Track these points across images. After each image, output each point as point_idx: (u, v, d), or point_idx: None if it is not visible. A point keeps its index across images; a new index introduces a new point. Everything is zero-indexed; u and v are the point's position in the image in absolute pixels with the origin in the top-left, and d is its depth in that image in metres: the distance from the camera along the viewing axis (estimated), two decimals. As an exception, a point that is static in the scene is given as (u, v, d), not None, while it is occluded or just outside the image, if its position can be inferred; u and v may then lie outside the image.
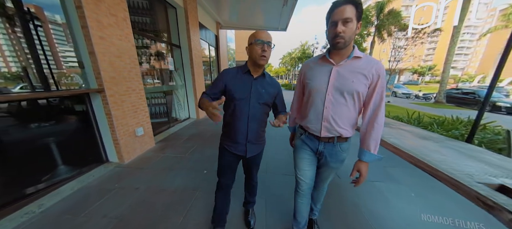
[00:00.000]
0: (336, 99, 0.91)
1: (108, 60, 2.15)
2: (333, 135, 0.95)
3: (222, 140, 1.18)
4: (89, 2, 1.91)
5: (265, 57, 0.96)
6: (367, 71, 0.85)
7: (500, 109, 8.97)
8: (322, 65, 0.95)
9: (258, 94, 1.04)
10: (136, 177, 2.11)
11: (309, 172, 1.09)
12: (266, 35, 0.95)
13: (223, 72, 1.06)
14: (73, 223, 1.45)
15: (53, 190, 1.83)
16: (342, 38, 0.81)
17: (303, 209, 1.18)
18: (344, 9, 0.77)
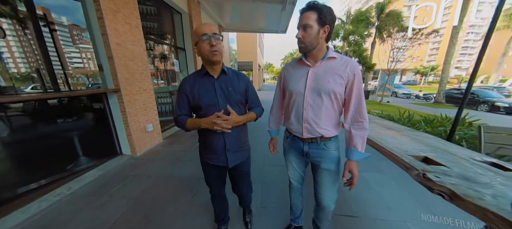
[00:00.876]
0: (314, 100, 0.92)
1: (123, 63, 2.42)
2: (314, 136, 0.95)
3: (201, 153, 1.08)
4: (108, 13, 2.19)
5: (216, 51, 0.86)
6: (342, 71, 0.86)
7: (499, 109, 9.05)
8: (300, 67, 0.97)
9: (226, 95, 0.95)
10: (148, 167, 2.38)
11: (297, 172, 1.14)
12: (209, 28, 0.85)
13: (181, 84, 0.95)
14: (99, 202, 1.72)
15: (77, 177, 2.11)
16: (302, 43, 0.85)
17: (297, 201, 1.27)
18: (304, 16, 0.82)
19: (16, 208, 1.58)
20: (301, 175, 1.16)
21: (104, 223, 1.47)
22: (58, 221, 1.49)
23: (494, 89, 14.98)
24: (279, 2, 4.53)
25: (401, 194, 1.84)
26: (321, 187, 1.03)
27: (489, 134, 2.03)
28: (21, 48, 1.83)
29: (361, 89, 0.88)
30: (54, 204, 1.68)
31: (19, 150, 1.86)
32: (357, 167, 0.92)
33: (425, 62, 62.79)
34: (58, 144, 2.19)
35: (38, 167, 1.95)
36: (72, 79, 2.31)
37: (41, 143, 2.03)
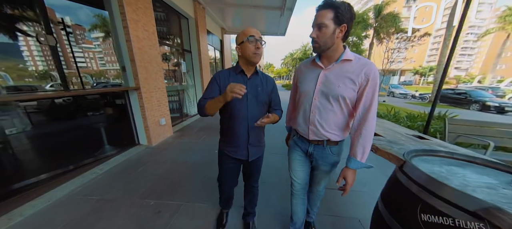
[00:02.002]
0: (322, 104, 0.89)
1: (143, 65, 2.81)
2: (321, 138, 0.94)
3: (221, 146, 1.14)
4: (131, 22, 2.58)
5: (258, 54, 0.93)
6: (355, 75, 0.82)
7: (489, 109, 9.41)
8: (312, 69, 0.94)
9: (255, 94, 1.01)
10: (164, 155, 2.77)
11: (301, 173, 1.08)
12: (257, 32, 0.92)
13: (216, 75, 1.01)
14: (128, 178, 2.11)
15: (105, 161, 2.50)
16: (316, 42, 0.81)
17: (299, 210, 1.18)
18: (319, 14, 0.78)
19: (66, 181, 1.98)
20: (303, 177, 1.10)
21: (137, 191, 1.86)
22: (101, 189, 1.89)
23: (489, 89, 15.38)
24: (278, 8, 4.93)
25: (375, 174, 2.22)
26: (315, 181, 1.10)
27: (452, 125, 2.41)
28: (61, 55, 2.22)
29: (374, 95, 0.81)
30: (93, 179, 2.08)
31: (63, 137, 2.26)
32: (353, 176, 0.88)
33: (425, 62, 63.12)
34: (89, 134, 2.60)
35: (76, 152, 2.35)
36: (76, 79, 2.40)
37: (78, 132, 2.44)
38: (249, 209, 1.39)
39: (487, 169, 0.82)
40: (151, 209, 1.62)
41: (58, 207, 1.66)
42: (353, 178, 0.89)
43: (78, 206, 1.67)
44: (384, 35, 14.22)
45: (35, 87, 2.07)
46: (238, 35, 0.94)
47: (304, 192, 1.15)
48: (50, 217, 1.55)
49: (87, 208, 1.64)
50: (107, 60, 2.83)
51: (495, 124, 2.32)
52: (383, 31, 14.38)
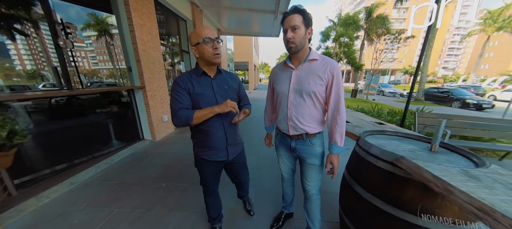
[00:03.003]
0: (296, 100, 0.99)
1: (147, 66, 3.05)
2: (299, 132, 1.03)
3: (197, 152, 1.08)
4: (137, 26, 2.82)
5: (218, 54, 0.92)
6: (321, 72, 0.93)
7: (469, 106, 10.10)
8: (285, 70, 1.04)
9: (223, 93, 1.01)
10: (168, 148, 3.02)
11: (288, 166, 1.24)
12: (212, 32, 0.89)
13: (179, 81, 0.94)
14: (139, 167, 2.37)
15: (115, 153, 2.73)
16: (293, 43, 0.89)
17: (288, 191, 1.39)
18: (291, 18, 0.86)
19: (82, 170, 2.21)
20: (291, 168, 1.26)
21: (148, 176, 2.13)
22: (117, 176, 2.14)
23: (471, 88, 16.34)
24: (271, 12, 5.24)
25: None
26: (306, 178, 1.14)
27: (420, 118, 2.81)
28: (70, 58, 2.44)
29: (339, 88, 0.94)
30: (106, 168, 2.32)
31: (75, 132, 2.49)
32: (338, 159, 1.02)
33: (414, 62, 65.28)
34: (98, 129, 2.83)
35: (88, 145, 2.58)
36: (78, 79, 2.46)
37: (88, 128, 2.66)
38: (242, 194, 1.52)
39: (415, 141, 1.16)
40: (163, 190, 1.90)
41: (80, 190, 1.91)
42: (338, 161, 1.02)
43: (98, 189, 1.92)
44: (374, 36, 14.87)
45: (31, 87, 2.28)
46: (191, 36, 0.90)
47: (291, 178, 1.34)
48: (75, 198, 1.79)
49: (106, 190, 1.90)
50: (99, 59, 2.95)
51: (454, 116, 2.74)
52: (373, 33, 15.02)
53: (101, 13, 2.74)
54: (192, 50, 0.92)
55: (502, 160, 2.96)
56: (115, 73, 3.12)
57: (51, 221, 1.50)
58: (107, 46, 2.93)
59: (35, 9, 2.04)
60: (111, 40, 2.94)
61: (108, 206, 1.68)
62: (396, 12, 46.42)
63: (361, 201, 1.02)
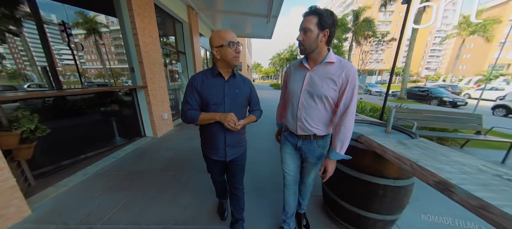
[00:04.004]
0: (307, 102, 0.99)
1: (149, 67, 3.25)
2: (307, 133, 1.03)
3: (202, 147, 1.17)
4: (140, 29, 3.01)
5: (238, 57, 0.96)
6: (336, 77, 0.91)
7: (445, 103, 10.99)
8: (300, 70, 1.03)
9: (232, 96, 1.03)
10: (170, 143, 3.24)
11: (291, 165, 1.18)
12: (234, 36, 0.94)
13: (193, 80, 1.01)
14: (145, 159, 2.58)
15: (120, 149, 2.91)
16: (302, 45, 0.90)
17: (291, 200, 1.28)
18: (305, 19, 0.86)
19: (92, 163, 2.40)
20: (294, 168, 1.20)
21: (156, 166, 2.35)
22: (126, 167, 2.34)
23: (449, 87, 17.62)
24: (264, 16, 5.55)
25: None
26: (305, 173, 1.20)
27: (396, 113, 3.23)
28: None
29: (353, 94, 0.91)
30: (114, 161, 2.52)
31: (83, 129, 2.66)
32: (333, 165, 0.99)
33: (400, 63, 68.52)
34: (102, 126, 2.99)
35: (94, 141, 2.76)
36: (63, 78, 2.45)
37: (93, 125, 2.83)
38: (236, 215, 1.32)
39: (377, 126, 1.51)
40: (171, 177, 2.14)
41: (94, 179, 2.10)
42: (332, 167, 0.99)
43: (111, 178, 2.13)
44: (361, 38, 15.66)
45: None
46: (214, 38, 0.94)
47: (295, 184, 1.25)
48: (91, 185, 1.99)
49: (119, 179, 2.11)
50: (87, 59, 2.95)
51: (421, 111, 3.19)
52: (360, 35, 15.82)
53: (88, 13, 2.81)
54: (214, 51, 0.96)
55: (462, 148, 3.45)
56: (103, 73, 3.21)
57: (74, 204, 1.71)
58: (97, 46, 3.02)
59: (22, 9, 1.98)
60: (101, 39, 3.02)
61: (123, 191, 1.90)
62: (382, 15, 48.50)
63: (335, 171, 1.34)
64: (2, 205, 1.40)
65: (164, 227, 1.46)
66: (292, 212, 1.32)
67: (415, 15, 11.48)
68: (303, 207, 1.41)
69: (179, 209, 1.64)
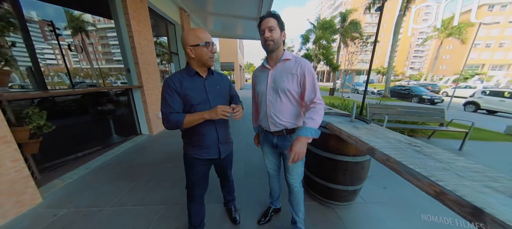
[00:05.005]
0: (273, 98, 1.06)
1: (144, 67, 3.42)
2: (279, 128, 1.10)
3: (188, 151, 1.10)
4: (136, 32, 3.18)
5: (214, 58, 0.97)
6: (294, 70, 1.00)
7: (424, 101, 11.85)
8: (263, 71, 1.12)
9: (215, 93, 1.05)
10: (166, 140, 3.43)
11: (272, 162, 1.31)
12: (208, 36, 0.94)
13: (169, 82, 0.95)
14: (144, 154, 2.77)
15: (118, 145, 3.07)
16: (271, 40, 0.97)
17: (275, 187, 1.46)
18: (268, 20, 0.96)
19: (92, 159, 2.55)
20: (275, 164, 1.32)
21: (155, 160, 2.55)
22: (126, 161, 2.52)
23: (429, 85, 18.85)
24: (254, 19, 5.82)
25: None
26: (288, 171, 1.18)
27: (370, 108, 3.63)
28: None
29: (312, 82, 1.00)
30: (114, 156, 2.68)
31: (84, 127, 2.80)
32: (301, 144, 0.92)
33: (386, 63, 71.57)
34: (101, 124, 3.13)
35: (92, 138, 2.90)
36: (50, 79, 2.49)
37: (91, 123, 2.97)
38: (228, 198, 1.51)
39: (345, 117, 1.82)
40: (171, 168, 2.36)
41: (98, 172, 2.27)
42: (299, 146, 0.91)
43: (113, 171, 2.31)
44: (348, 39, 16.36)
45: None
46: (189, 36, 0.91)
47: (276, 175, 1.39)
48: (95, 177, 2.17)
49: (121, 171, 2.30)
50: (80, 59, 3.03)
51: (393, 106, 3.61)
52: (348, 36, 16.52)
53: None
54: (188, 49, 0.92)
55: (429, 139, 3.92)
56: (91, 73, 3.31)
57: (82, 192, 1.89)
58: (85, 48, 3.07)
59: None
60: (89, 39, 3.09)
61: (126, 180, 2.09)
62: (369, 17, 50.46)
63: (308, 152, 1.64)
64: (19, 192, 1.57)
65: (166, 206, 1.69)
66: (277, 195, 1.52)
67: (396, 19, 12.30)
68: (299, 225, 1.30)
69: (179, 192, 1.87)
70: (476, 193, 0.59)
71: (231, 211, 1.54)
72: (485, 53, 40.93)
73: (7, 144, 1.50)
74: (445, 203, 0.60)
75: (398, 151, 0.92)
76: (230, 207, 1.55)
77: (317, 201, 1.72)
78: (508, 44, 39.55)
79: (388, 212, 1.66)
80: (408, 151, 0.92)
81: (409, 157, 0.86)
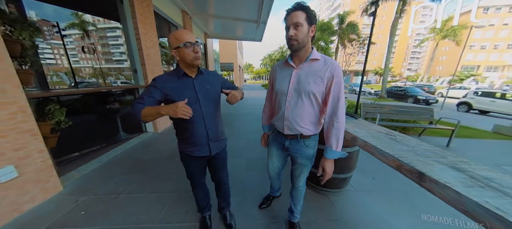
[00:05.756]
0: (295, 100, 0.98)
1: (150, 68, 3.60)
2: (294, 133, 1.03)
3: (181, 148, 1.13)
4: (142, 35, 3.36)
5: (198, 57, 0.95)
6: (322, 73, 0.92)
7: (419, 101, 12.14)
8: (286, 68, 1.03)
9: (205, 92, 1.04)
10: (171, 136, 3.60)
11: (276, 164, 1.25)
12: (191, 36, 0.92)
13: (157, 79, 0.98)
14: (151, 150, 2.95)
15: (126, 142, 3.24)
16: (295, 40, 0.88)
17: (276, 183, 1.52)
18: (294, 15, 0.85)
19: (103, 153, 2.73)
20: (279, 167, 1.27)
21: (161, 155, 2.73)
22: (135, 156, 2.70)
23: (425, 86, 19.22)
24: (254, 21, 6.03)
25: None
26: (294, 174, 1.17)
27: (364, 107, 3.84)
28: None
29: (340, 91, 0.92)
30: (123, 152, 2.86)
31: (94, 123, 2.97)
32: (331, 165, 0.97)
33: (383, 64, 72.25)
34: (108, 122, 3.30)
35: (102, 135, 3.07)
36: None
37: (100, 121, 3.14)
38: (223, 205, 1.47)
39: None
40: (177, 162, 2.53)
41: (110, 165, 2.45)
42: (330, 167, 0.97)
43: (124, 163, 2.49)
44: (346, 41, 16.68)
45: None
46: (171, 39, 0.91)
47: (277, 176, 1.40)
48: (108, 169, 2.34)
49: (131, 164, 2.47)
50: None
51: (385, 106, 3.83)
52: (345, 38, 16.85)
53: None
54: (172, 52, 0.94)
55: (420, 136, 4.15)
56: (96, 73, 3.41)
57: (98, 182, 2.06)
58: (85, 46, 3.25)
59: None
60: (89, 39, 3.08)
61: (137, 173, 2.27)
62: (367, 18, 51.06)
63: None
64: (44, 180, 1.75)
65: (177, 193, 1.87)
66: (278, 188, 1.61)
67: (392, 21, 12.59)
68: (295, 215, 1.36)
69: (188, 182, 2.04)
70: (425, 165, 0.79)
71: (226, 218, 1.48)
72: (481, 54, 41.67)
73: (35, 136, 1.67)
74: (402, 172, 0.80)
75: (375, 139, 1.12)
76: (224, 214, 1.50)
77: (312, 189, 1.92)
78: (502, 46, 40.33)
79: (375, 198, 1.86)
80: (383, 139, 1.13)
81: (383, 143, 1.06)
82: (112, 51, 3.72)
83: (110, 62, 3.98)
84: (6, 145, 1.48)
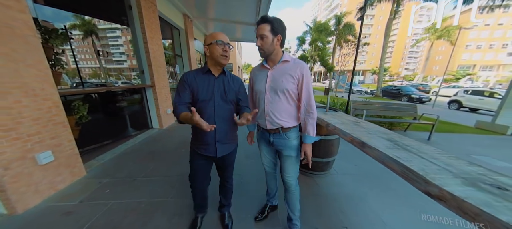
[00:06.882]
0: (272, 97, 1.12)
1: (156, 69, 3.91)
2: (275, 126, 1.16)
3: (192, 143, 1.20)
4: (149, 39, 3.66)
5: (226, 56, 1.01)
6: (293, 72, 1.07)
7: (413, 100, 12.52)
8: (262, 70, 1.17)
9: (222, 93, 1.08)
10: (176, 132, 3.92)
11: (268, 158, 1.36)
12: (225, 37, 1.00)
13: (185, 77, 1.06)
14: (159, 143, 3.26)
15: (134, 137, 3.55)
16: (261, 49, 1.04)
17: (272, 184, 1.52)
18: (260, 27, 1.00)
19: (114, 147, 3.03)
20: (272, 161, 1.37)
21: (170, 147, 3.04)
22: (145, 148, 3.01)
23: (420, 85, 19.64)
24: (252, 24, 6.35)
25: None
26: (283, 168, 1.24)
27: (353, 105, 4.18)
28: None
29: (309, 86, 1.10)
30: (134, 145, 3.16)
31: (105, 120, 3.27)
32: (310, 148, 1.15)
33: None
34: (117, 119, 3.61)
35: (119, 128, 3.37)
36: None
37: (110, 117, 3.45)
38: (223, 202, 1.48)
39: (321, 109, 2.35)
40: (185, 152, 2.85)
41: (123, 156, 2.75)
42: (310, 150, 1.16)
43: (136, 154, 2.79)
44: (343, 41, 17.03)
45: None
46: (207, 37, 1.02)
47: (273, 172, 1.44)
48: (122, 159, 2.65)
49: (143, 155, 2.78)
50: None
51: (372, 103, 4.17)
52: (342, 39, 17.20)
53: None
54: (205, 48, 1.03)
55: (406, 131, 4.48)
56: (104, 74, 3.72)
57: (116, 168, 2.37)
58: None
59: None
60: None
61: (150, 162, 2.58)
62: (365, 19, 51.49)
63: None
64: (72, 165, 2.06)
65: (186, 176, 2.18)
66: (274, 193, 1.56)
67: (387, 22, 12.97)
68: (295, 222, 1.36)
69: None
70: (369, 139, 1.11)
71: (224, 217, 1.49)
72: (477, 54, 42.29)
73: (65, 127, 1.98)
74: (353, 144, 1.12)
75: (344, 125, 1.45)
76: (223, 213, 1.51)
77: (301, 173, 2.24)
78: (497, 45, 40.97)
79: (355, 179, 2.19)
80: (350, 125, 1.45)
81: (348, 127, 1.38)
82: (112, 52, 4.00)
83: (109, 63, 4.27)
84: (45, 134, 1.79)
